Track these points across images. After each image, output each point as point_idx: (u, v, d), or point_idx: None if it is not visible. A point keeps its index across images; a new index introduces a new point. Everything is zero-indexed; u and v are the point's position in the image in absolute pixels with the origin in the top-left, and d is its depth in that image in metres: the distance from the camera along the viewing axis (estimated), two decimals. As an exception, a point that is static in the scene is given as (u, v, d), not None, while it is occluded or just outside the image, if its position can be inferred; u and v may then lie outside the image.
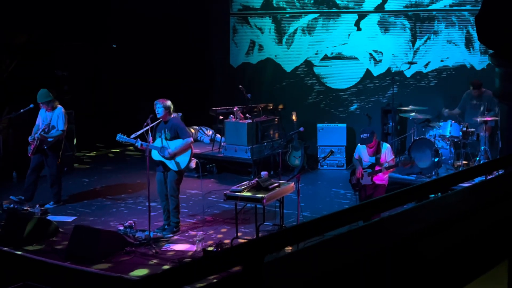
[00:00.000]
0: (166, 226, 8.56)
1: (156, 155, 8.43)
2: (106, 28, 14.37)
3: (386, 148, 8.52)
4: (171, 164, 8.39)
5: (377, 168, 8.37)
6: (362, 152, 8.60)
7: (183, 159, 8.40)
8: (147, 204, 8.36)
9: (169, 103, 8.45)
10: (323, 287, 2.31)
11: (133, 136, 8.27)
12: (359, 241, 2.71)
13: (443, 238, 3.04)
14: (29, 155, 9.77)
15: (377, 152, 8.45)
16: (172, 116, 8.51)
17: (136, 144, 8.31)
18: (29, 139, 9.69)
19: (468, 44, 11.97)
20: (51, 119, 9.73)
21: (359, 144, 8.68)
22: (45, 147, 9.71)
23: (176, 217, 8.55)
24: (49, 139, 9.68)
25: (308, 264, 2.36)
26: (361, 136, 8.43)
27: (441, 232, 3.03)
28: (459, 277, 3.04)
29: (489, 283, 3.52)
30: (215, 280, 2.11)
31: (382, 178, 8.46)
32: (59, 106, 9.87)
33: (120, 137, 8.39)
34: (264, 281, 2.10)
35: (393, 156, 8.57)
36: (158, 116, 8.41)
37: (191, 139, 8.52)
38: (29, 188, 9.77)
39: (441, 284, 2.92)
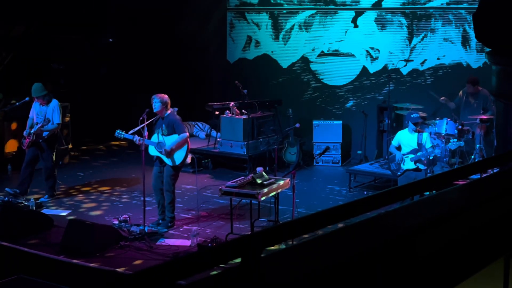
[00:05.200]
0: (160, 221, 8.55)
1: (152, 150, 8.41)
2: (102, 22, 14.33)
3: (426, 134, 8.97)
4: (167, 160, 8.38)
5: (419, 152, 8.79)
6: (403, 138, 9.02)
7: (179, 155, 8.38)
8: (142, 198, 8.36)
9: (166, 98, 8.41)
10: (322, 282, 2.31)
11: (131, 132, 8.26)
12: (355, 237, 2.71)
13: (438, 235, 3.05)
14: (24, 148, 9.73)
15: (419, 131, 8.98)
16: (169, 111, 8.48)
17: (134, 140, 8.29)
18: (24, 133, 9.65)
19: (465, 42, 11.99)
20: (45, 113, 9.69)
21: (399, 131, 9.24)
22: (41, 141, 9.68)
23: (171, 212, 8.54)
24: (44, 133, 9.65)
25: (305, 260, 2.36)
26: (412, 116, 8.95)
27: (436, 228, 3.04)
28: (455, 274, 3.05)
29: (485, 281, 3.53)
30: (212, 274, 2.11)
31: (423, 163, 8.84)
32: (54, 99, 9.83)
33: (118, 133, 8.38)
34: (263, 276, 2.09)
35: (432, 143, 8.95)
36: (154, 111, 8.37)
37: (187, 134, 8.49)
38: (24, 182, 9.74)
39: (436, 282, 2.93)
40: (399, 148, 9.05)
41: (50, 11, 12.73)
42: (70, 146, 12.57)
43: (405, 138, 9.02)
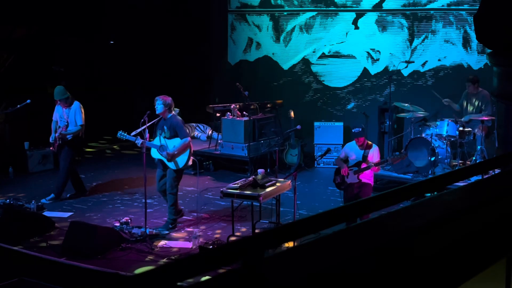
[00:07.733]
0: (170, 225, 8.57)
1: (155, 153, 8.42)
2: (103, 24, 14.34)
3: (374, 148, 8.46)
4: (169, 163, 8.39)
5: (363, 165, 8.31)
6: (352, 150, 8.53)
7: (181, 159, 8.39)
8: (143, 200, 8.36)
9: (169, 100, 8.38)
10: (323, 283, 2.31)
11: (133, 133, 8.26)
12: (355, 238, 2.71)
13: (440, 236, 3.04)
14: (55, 151, 9.99)
15: (366, 148, 8.42)
16: (172, 113, 8.47)
17: (136, 142, 8.30)
18: (51, 140, 9.79)
19: (466, 43, 11.99)
20: (68, 115, 9.77)
21: (348, 143, 8.74)
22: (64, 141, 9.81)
23: (173, 214, 8.54)
24: (68, 136, 9.74)
25: (307, 261, 2.36)
26: (353, 130, 8.48)
27: (438, 229, 3.04)
28: (456, 276, 3.04)
29: (487, 281, 3.52)
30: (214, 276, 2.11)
31: (368, 177, 8.37)
32: (76, 101, 9.91)
33: (120, 134, 8.40)
34: (264, 277, 2.09)
35: (379, 158, 8.43)
36: (157, 112, 8.36)
37: (189, 138, 8.46)
38: (77, 182, 10.11)
39: (438, 283, 2.92)
40: (346, 161, 8.52)
41: (51, 13, 12.74)
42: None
43: (353, 151, 8.52)
